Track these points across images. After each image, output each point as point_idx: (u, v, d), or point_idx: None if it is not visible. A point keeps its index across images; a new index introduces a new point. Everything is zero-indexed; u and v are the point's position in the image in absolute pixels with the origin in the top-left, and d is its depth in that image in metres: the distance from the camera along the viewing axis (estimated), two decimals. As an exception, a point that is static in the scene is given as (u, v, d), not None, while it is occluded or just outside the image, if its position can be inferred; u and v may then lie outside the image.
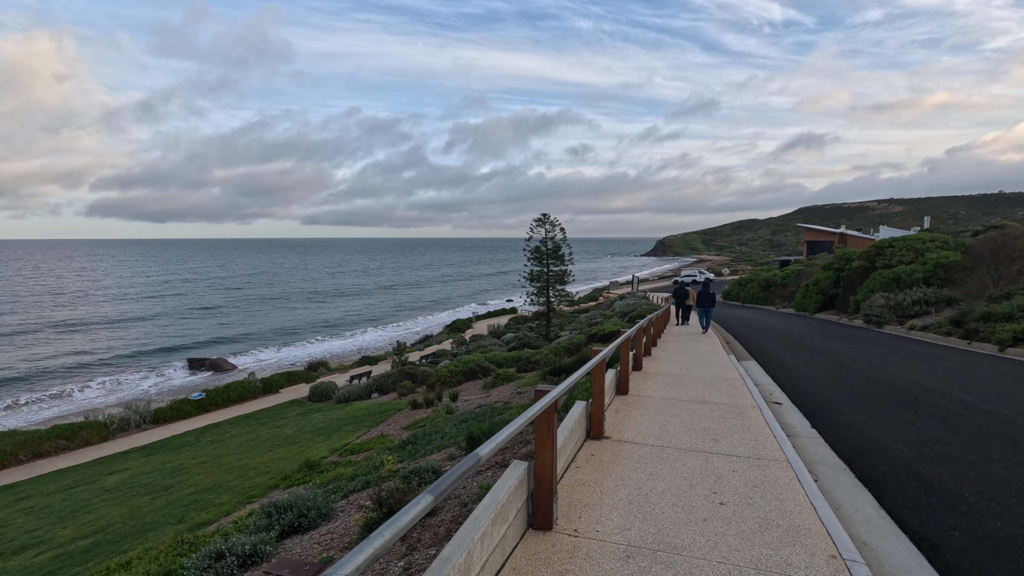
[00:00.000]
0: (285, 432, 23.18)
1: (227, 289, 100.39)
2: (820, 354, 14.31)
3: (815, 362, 12.91)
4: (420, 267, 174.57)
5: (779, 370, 11.88)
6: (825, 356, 13.87)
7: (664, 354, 13.27)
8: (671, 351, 13.97)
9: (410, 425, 18.93)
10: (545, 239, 38.57)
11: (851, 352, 14.58)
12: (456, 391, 22.27)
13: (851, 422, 7.55)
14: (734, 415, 7.31)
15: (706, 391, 8.86)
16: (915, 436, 6.79)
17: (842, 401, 8.84)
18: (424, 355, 41.01)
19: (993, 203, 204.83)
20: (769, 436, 6.33)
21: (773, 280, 45.36)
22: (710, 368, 11.13)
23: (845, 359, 13.32)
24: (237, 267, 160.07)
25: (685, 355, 13.11)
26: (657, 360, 12.17)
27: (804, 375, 11.22)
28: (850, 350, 14.97)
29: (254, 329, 63.05)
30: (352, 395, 29.34)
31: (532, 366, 25.44)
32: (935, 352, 14.42)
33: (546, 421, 3.57)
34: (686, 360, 12.18)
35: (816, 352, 14.78)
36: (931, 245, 27.33)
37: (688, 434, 6.33)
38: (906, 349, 15.02)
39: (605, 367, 6.06)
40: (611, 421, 6.78)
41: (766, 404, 8.17)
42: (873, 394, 9.27)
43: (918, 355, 13.76)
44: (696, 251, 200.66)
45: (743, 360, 13.26)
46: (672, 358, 12.52)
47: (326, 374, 38.17)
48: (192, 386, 42.07)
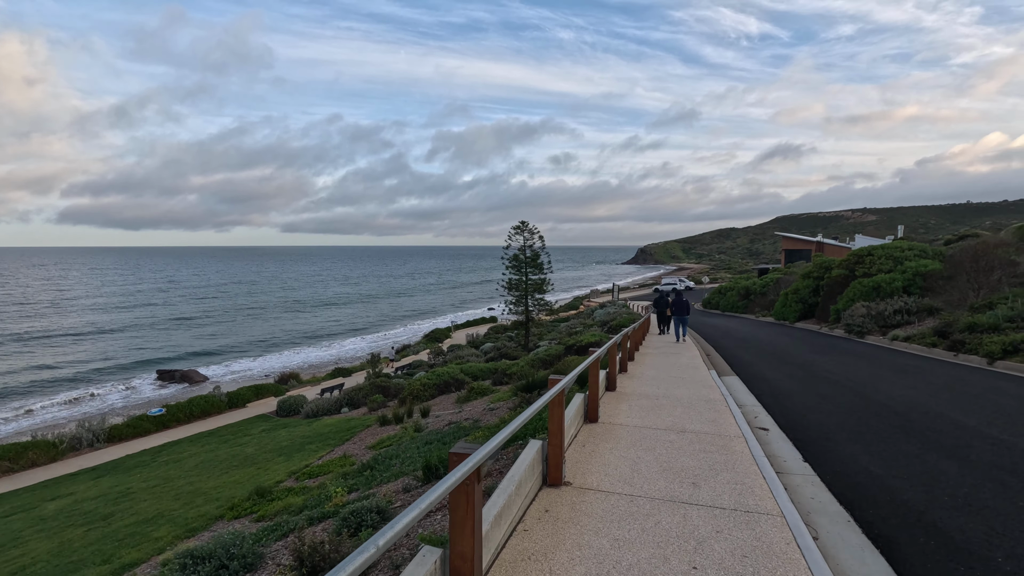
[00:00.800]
0: (246, 451, 21.82)
1: (201, 299, 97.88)
2: (804, 368, 13.50)
3: (800, 378, 12.06)
4: (401, 275, 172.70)
5: (763, 387, 11.00)
6: (810, 371, 13.06)
7: (642, 369, 12.33)
8: (649, 366, 13.04)
9: (376, 444, 17.80)
10: (523, 247, 37.64)
11: (835, 366, 13.80)
12: (427, 406, 21.12)
13: (847, 454, 6.63)
14: (717, 448, 6.35)
15: (685, 416, 7.90)
16: (923, 473, 5.89)
17: (834, 426, 7.94)
18: (400, 366, 39.69)
19: (961, 213, 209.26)
20: (758, 477, 5.37)
21: (752, 289, 44.92)
22: (690, 387, 10.20)
23: (831, 374, 12.50)
24: (213, 275, 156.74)
25: (664, 371, 12.19)
26: (633, 378, 11.21)
27: (790, 393, 10.35)
28: (835, 363, 14.19)
29: (229, 340, 61.12)
30: (321, 410, 28.02)
31: (507, 379, 24.40)
32: (922, 365, 13.68)
33: (464, 499, 2.56)
34: (664, 377, 11.25)
35: (800, 366, 13.97)
36: (909, 254, 26.92)
37: (664, 476, 5.34)
38: (892, 362, 14.28)
39: (564, 400, 5.06)
40: (575, 460, 5.77)
41: (751, 431, 7.23)
42: (866, 417, 8.40)
43: (906, 369, 13.00)
44: (676, 259, 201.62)
45: (725, 376, 12.37)
46: (650, 375, 11.59)
47: (297, 387, 36.68)
48: (161, 399, 40.33)
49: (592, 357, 7.28)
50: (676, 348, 17.95)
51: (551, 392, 4.66)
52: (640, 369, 12.46)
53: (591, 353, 20.46)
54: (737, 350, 18.28)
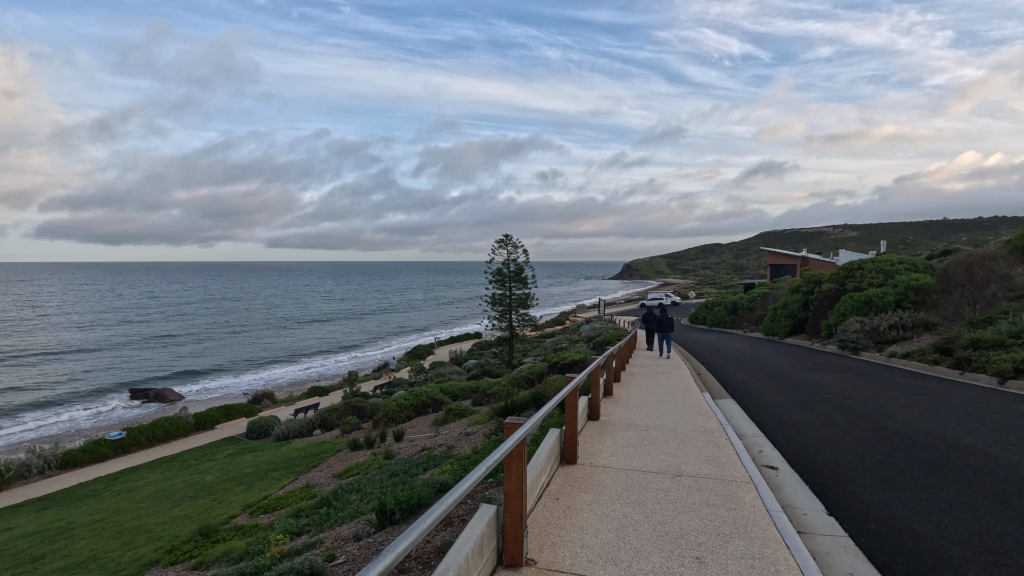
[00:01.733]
0: (205, 479, 20.18)
1: (180, 315, 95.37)
2: (804, 389, 12.34)
3: (802, 401, 10.88)
4: (387, 291, 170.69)
5: (763, 412, 9.81)
6: (810, 392, 11.89)
7: (628, 392, 11.09)
8: (637, 388, 11.80)
9: (342, 472, 16.33)
10: (507, 261, 36.44)
11: (837, 386, 12.66)
12: (402, 429, 19.65)
13: (879, 504, 5.40)
14: (722, 499, 5.09)
15: (680, 453, 6.64)
16: (982, 533, 4.67)
17: (855, 464, 6.72)
18: (379, 384, 38.07)
19: (939, 229, 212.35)
20: (779, 545, 4.13)
21: (740, 303, 44.05)
22: (683, 413, 8.97)
23: (834, 396, 11.35)
24: (194, 291, 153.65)
25: (653, 393, 10.95)
26: (620, 402, 9.97)
27: (795, 421, 9.15)
28: (835, 383, 13.06)
29: (207, 357, 59.02)
30: (292, 432, 26.40)
31: (487, 399, 23.02)
32: (930, 386, 12.57)
33: None
34: (654, 401, 10.01)
35: (799, 387, 12.81)
36: (900, 267, 26.10)
37: (658, 546, 4.06)
38: (896, 382, 13.16)
39: (526, 451, 3.78)
40: (544, 523, 4.48)
41: (759, 473, 5.99)
42: (888, 452, 7.21)
43: (913, 390, 11.88)
44: (662, 275, 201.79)
45: (719, 398, 11.16)
46: (637, 398, 10.35)
47: (271, 407, 34.92)
48: (132, 420, 38.36)
49: (570, 386, 6.01)
50: (665, 367, 16.75)
51: (508, 443, 3.39)
52: (627, 391, 11.21)
53: (577, 372, 19.14)
54: (729, 368, 17.12)
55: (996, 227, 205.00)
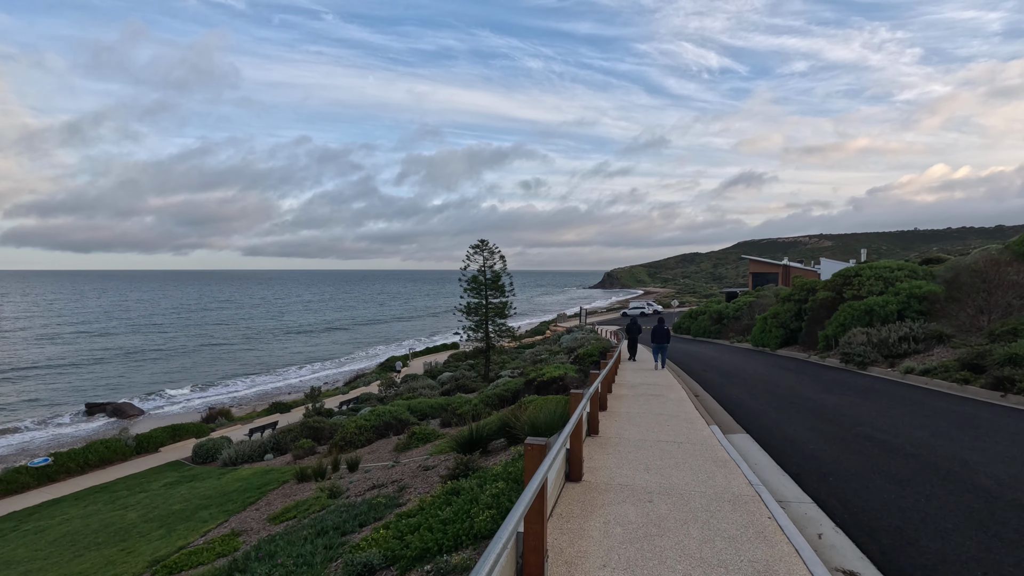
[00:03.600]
0: (126, 518, 17.25)
1: (150, 326, 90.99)
2: (827, 418, 10.05)
3: (835, 437, 8.52)
4: (366, 300, 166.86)
5: (793, 456, 7.46)
6: (837, 422, 9.59)
7: (618, 426, 8.69)
8: (627, 418, 9.39)
9: (278, 515, 13.58)
10: (483, 268, 33.95)
11: (865, 412, 10.39)
12: (357, 457, 16.91)
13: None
14: None
15: (710, 556, 4.22)
16: None
17: (984, 567, 4.36)
18: (346, 400, 35.15)
19: (910, 239, 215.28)
20: None
21: (725, 312, 42.08)
22: (694, 463, 6.56)
23: (870, 428, 9.06)
24: (165, 301, 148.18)
25: (649, 427, 8.57)
26: (608, 446, 7.54)
27: (841, 472, 6.73)
28: (861, 409, 10.79)
29: (173, 369, 55.35)
30: (241, 456, 23.49)
31: (456, 420, 20.44)
32: (980, 414, 10.27)
33: None
34: (653, 442, 7.61)
35: (819, 413, 10.52)
36: (900, 274, 24.20)
37: None
38: (934, 407, 10.91)
39: None
40: None
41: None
42: (1018, 540, 4.85)
43: (962, 420, 9.60)
44: (642, 283, 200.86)
45: (730, 433, 8.82)
46: (631, 436, 7.95)
47: (226, 425, 31.81)
48: (89, 434, 34.99)
49: (535, 486, 3.48)
50: (657, 387, 14.39)
51: None
52: (616, 425, 8.79)
53: (555, 390, 16.37)
54: (729, 387, 14.81)
55: (964, 237, 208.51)
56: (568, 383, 16.95)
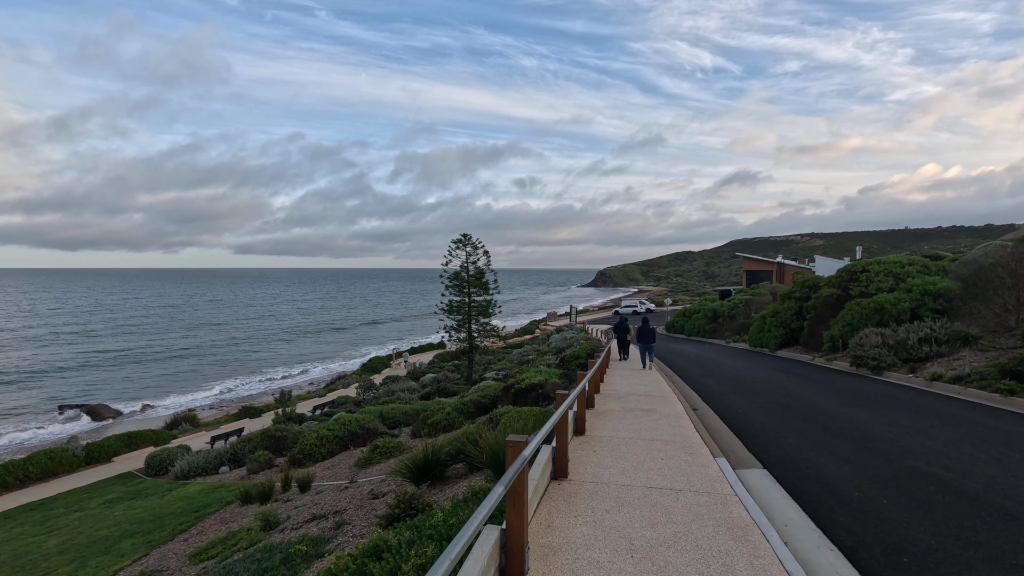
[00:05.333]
0: (43, 547, 15.07)
1: (134, 326, 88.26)
2: (861, 442, 8.01)
3: (889, 479, 6.40)
4: (357, 299, 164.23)
5: (841, 515, 5.36)
6: (878, 451, 7.52)
7: (595, 461, 6.63)
8: (609, 449, 7.33)
9: (201, 551, 11.52)
10: (466, 263, 31.81)
11: (909, 435, 8.33)
12: (310, 475, 14.74)
13: None
14: None
15: None
16: None
17: None
18: (321, 403, 32.94)
19: (902, 238, 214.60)
20: None
21: (721, 311, 40.12)
22: (697, 534, 4.52)
23: (924, 460, 7.01)
24: (152, 300, 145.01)
25: (636, 465, 6.52)
26: (576, 501, 5.47)
27: (926, 546, 4.66)
28: (901, 430, 8.72)
29: (156, 371, 52.83)
30: (195, 468, 21.32)
31: (428, 430, 18.31)
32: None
33: None
34: (640, 487, 5.56)
35: (849, 436, 8.49)
36: (912, 270, 22.27)
37: None
38: (990, 428, 8.80)
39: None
40: None
41: None
42: None
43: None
44: (635, 282, 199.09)
45: (743, 468, 6.79)
46: (611, 477, 5.90)
47: (189, 432, 29.53)
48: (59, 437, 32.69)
49: None
50: (648, 395, 12.35)
51: None
52: (593, 460, 6.71)
53: (534, 400, 14.09)
54: (732, 398, 12.78)
55: (955, 236, 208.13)
56: (548, 390, 14.91)
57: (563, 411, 5.45)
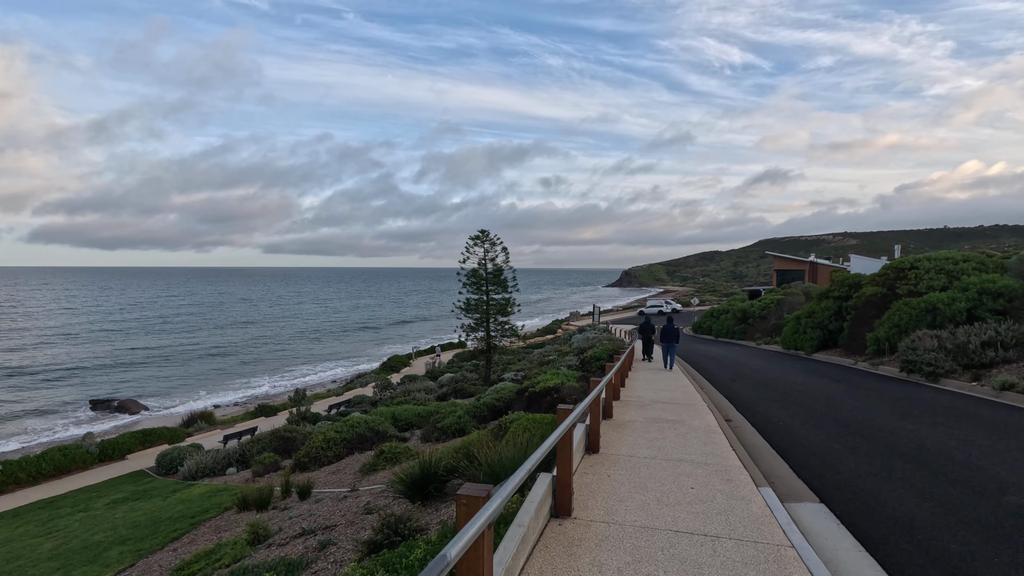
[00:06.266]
0: (37, 551, 14.55)
1: (164, 322, 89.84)
2: (941, 471, 6.56)
3: (994, 524, 4.93)
4: (381, 297, 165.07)
5: (930, 572, 4.08)
6: (965, 481, 6.04)
7: (609, 490, 5.39)
8: (627, 473, 6.07)
9: (185, 565, 10.70)
10: (484, 260, 30.69)
11: (997, 460, 6.76)
12: (310, 482, 13.75)
13: None
14: None
15: None
16: None
17: None
18: (337, 403, 32.23)
19: (940, 238, 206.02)
20: None
21: (751, 311, 38.15)
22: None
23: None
24: (185, 298, 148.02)
25: (660, 496, 5.26)
26: (580, 552, 4.28)
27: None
28: (986, 453, 7.16)
29: (185, 368, 53.27)
30: (202, 469, 20.69)
31: (438, 434, 17.23)
32: None
33: None
34: (665, 531, 4.30)
35: (922, 460, 7.03)
36: (967, 267, 20.29)
37: None
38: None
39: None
40: None
41: None
42: None
43: None
44: (661, 282, 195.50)
45: (794, 501, 5.45)
46: (628, 516, 4.66)
47: (205, 430, 29.09)
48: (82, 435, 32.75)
49: None
50: (674, 403, 11.00)
51: None
52: (606, 490, 5.47)
53: (548, 403, 12.84)
54: (770, 407, 11.32)
55: (997, 235, 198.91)
56: (564, 395, 13.64)
57: (565, 430, 4.23)
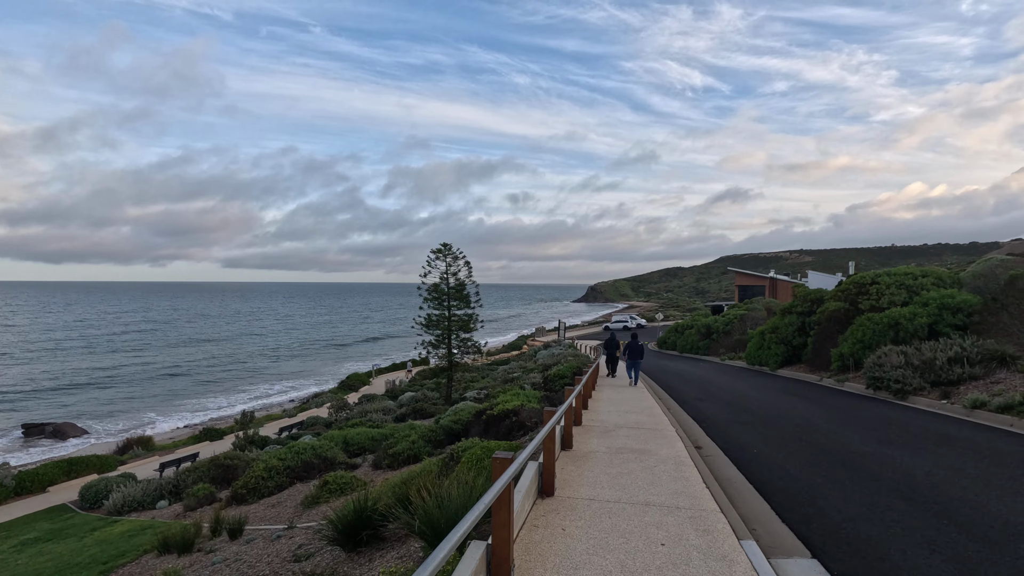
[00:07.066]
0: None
1: (111, 341, 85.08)
2: (939, 510, 5.79)
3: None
4: (345, 312, 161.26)
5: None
6: (968, 526, 5.27)
7: (569, 535, 4.41)
8: (586, 525, 5.09)
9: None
10: (446, 275, 29.57)
11: (999, 499, 6.08)
12: (242, 519, 12.20)
13: None
14: None
15: None
16: None
17: None
18: (289, 425, 30.33)
19: (888, 255, 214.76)
20: None
21: (715, 327, 38.02)
22: None
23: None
24: (136, 314, 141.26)
25: (626, 550, 4.29)
26: None
27: None
28: (978, 485, 6.45)
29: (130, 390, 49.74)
30: (131, 502, 18.73)
31: (389, 460, 15.91)
32: None
33: None
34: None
35: (910, 495, 6.28)
36: (926, 282, 20.29)
37: None
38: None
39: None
40: None
41: None
42: None
43: None
44: (626, 297, 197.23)
45: (781, 556, 4.58)
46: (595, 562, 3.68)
47: (142, 456, 26.83)
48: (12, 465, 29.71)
49: None
50: (640, 428, 10.12)
51: None
52: (563, 532, 4.47)
53: (506, 427, 11.73)
54: (743, 432, 10.56)
55: (940, 254, 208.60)
56: (524, 418, 12.63)
57: (500, 490, 3.22)
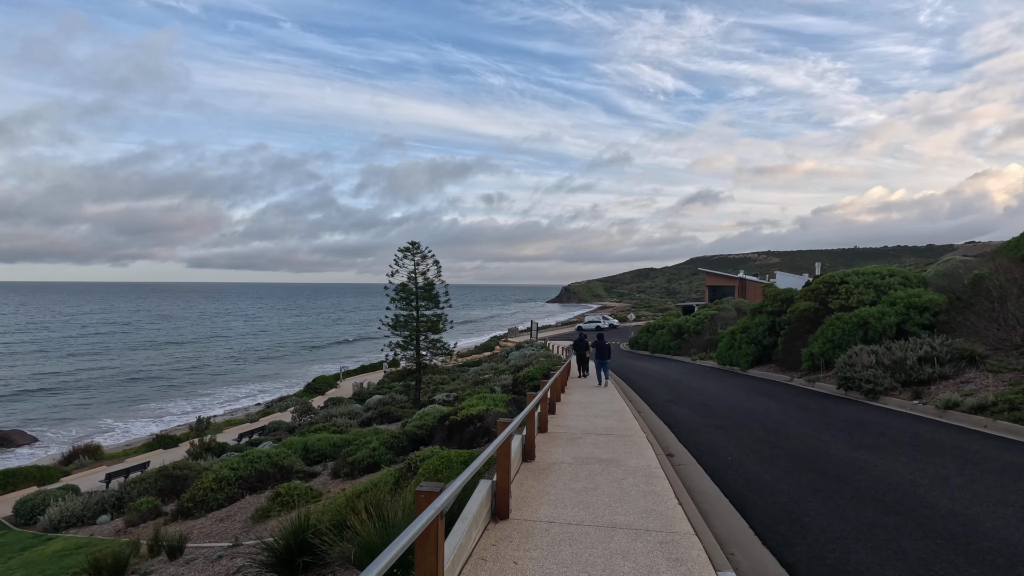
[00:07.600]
0: None
1: (65, 344, 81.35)
2: (925, 524, 5.36)
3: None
4: (315, 314, 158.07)
5: None
6: (964, 546, 4.78)
7: (525, 571, 3.80)
8: (545, 549, 4.47)
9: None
10: (414, 274, 28.68)
11: (992, 512, 5.69)
12: (182, 537, 11.15)
13: None
14: None
15: None
16: None
17: None
18: (249, 431, 29.01)
19: (852, 257, 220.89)
20: None
21: (686, 327, 37.94)
22: None
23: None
24: (96, 314, 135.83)
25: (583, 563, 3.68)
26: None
27: None
28: (965, 495, 5.98)
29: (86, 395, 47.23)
30: (70, 517, 17.37)
31: (349, 468, 15.07)
32: None
33: None
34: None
35: (895, 507, 5.82)
36: (893, 281, 20.32)
37: None
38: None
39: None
40: None
41: None
42: None
43: None
44: (599, 298, 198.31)
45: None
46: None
47: (89, 466, 25.22)
48: None
49: None
50: (609, 434, 9.55)
51: None
52: (515, 566, 3.84)
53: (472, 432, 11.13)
54: (715, 437, 10.08)
55: (899, 256, 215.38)
56: (488, 423, 11.96)
57: (420, 531, 2.53)
